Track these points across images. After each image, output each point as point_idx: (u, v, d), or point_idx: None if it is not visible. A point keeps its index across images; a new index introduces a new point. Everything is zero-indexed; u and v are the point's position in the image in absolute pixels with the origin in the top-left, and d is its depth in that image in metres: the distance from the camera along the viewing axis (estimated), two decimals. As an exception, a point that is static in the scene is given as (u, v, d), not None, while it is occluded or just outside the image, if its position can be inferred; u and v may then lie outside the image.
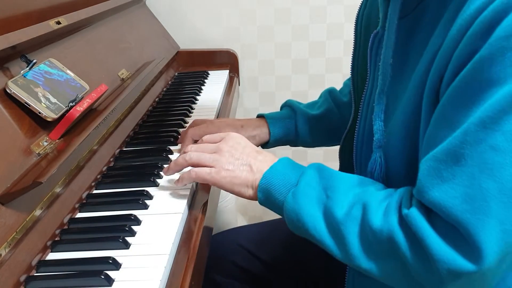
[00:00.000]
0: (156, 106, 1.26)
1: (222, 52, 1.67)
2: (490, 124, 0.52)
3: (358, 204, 0.62)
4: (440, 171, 0.55)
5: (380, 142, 0.69)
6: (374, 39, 0.75)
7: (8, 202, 0.65)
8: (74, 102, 0.84)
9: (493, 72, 0.52)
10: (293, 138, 1.03)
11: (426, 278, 0.57)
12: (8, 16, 0.84)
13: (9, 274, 0.60)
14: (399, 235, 0.58)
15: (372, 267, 0.61)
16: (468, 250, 0.53)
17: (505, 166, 0.52)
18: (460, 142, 0.54)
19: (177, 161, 0.80)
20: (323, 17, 1.75)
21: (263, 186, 0.70)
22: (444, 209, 0.54)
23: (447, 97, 0.57)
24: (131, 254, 0.67)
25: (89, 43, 1.09)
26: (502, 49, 0.52)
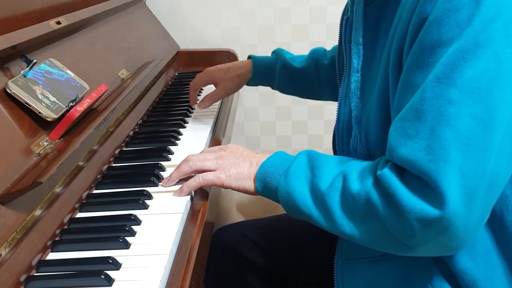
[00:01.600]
0: (156, 106, 1.26)
1: (222, 52, 1.66)
2: (444, 79, 0.57)
3: (339, 176, 0.67)
4: (405, 129, 0.60)
5: (358, 118, 0.76)
6: (346, 24, 0.83)
7: (8, 202, 0.65)
8: (74, 102, 0.84)
9: (442, 33, 0.58)
10: (271, 80, 1.17)
11: (400, 231, 0.61)
12: (8, 16, 0.84)
13: (9, 274, 0.60)
14: (374, 195, 0.62)
15: (355, 231, 0.65)
16: (432, 196, 0.57)
17: (461, 116, 0.56)
18: (420, 99, 0.59)
19: (179, 169, 0.81)
20: (323, 17, 1.75)
21: (260, 176, 0.74)
22: (411, 163, 0.59)
23: (407, 64, 0.62)
24: (131, 254, 0.67)
25: (89, 43, 1.09)
26: (446, 11, 0.57)
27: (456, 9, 0.56)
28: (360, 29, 0.75)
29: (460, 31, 0.57)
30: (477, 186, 0.57)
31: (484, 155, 0.57)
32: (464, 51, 0.56)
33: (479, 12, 0.56)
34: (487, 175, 0.57)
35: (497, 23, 0.56)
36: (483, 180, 0.57)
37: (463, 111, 0.56)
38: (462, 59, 0.56)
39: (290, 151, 1.89)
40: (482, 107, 0.56)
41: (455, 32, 0.57)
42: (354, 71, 0.76)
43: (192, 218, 0.77)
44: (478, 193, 0.57)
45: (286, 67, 1.14)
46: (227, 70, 1.16)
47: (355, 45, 0.76)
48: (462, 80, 0.56)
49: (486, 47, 0.56)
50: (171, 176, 0.82)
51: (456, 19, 0.57)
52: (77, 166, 0.83)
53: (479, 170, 0.57)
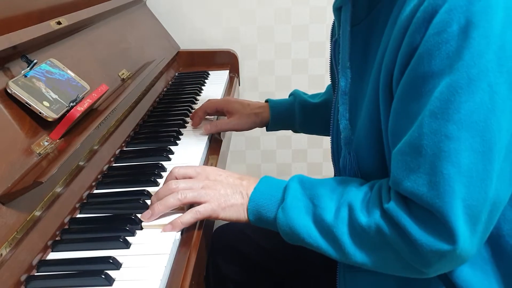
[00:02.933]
0: (157, 106, 1.26)
1: (222, 52, 1.67)
2: (441, 114, 0.58)
3: (343, 206, 0.67)
4: (407, 163, 0.61)
5: (347, 139, 0.76)
6: (335, 46, 0.82)
7: (8, 202, 0.65)
8: (75, 102, 0.84)
9: (433, 65, 0.58)
10: (291, 122, 1.13)
11: (416, 260, 0.62)
12: (9, 16, 0.84)
13: (9, 274, 0.60)
14: (385, 227, 0.63)
15: (368, 260, 0.66)
16: (443, 231, 0.58)
17: (460, 152, 0.57)
18: (418, 134, 0.60)
19: (165, 202, 0.73)
20: (323, 17, 1.75)
21: (252, 209, 0.73)
22: (418, 197, 0.60)
23: (399, 92, 0.63)
24: (132, 254, 0.67)
25: (89, 43, 1.10)
26: (437, 44, 0.58)
27: (445, 41, 0.57)
28: (347, 51, 0.75)
29: (451, 63, 0.57)
30: (480, 212, 0.58)
31: (486, 183, 0.58)
32: (458, 86, 0.57)
33: (468, 45, 0.56)
34: (489, 200, 0.58)
35: (488, 55, 0.56)
36: (485, 206, 0.59)
37: (462, 146, 0.57)
38: (457, 94, 0.57)
39: (290, 151, 1.91)
40: (481, 140, 0.57)
41: (445, 64, 0.57)
42: (342, 94, 0.76)
43: (192, 218, 0.77)
44: (482, 217, 0.59)
45: (306, 104, 1.11)
46: (246, 106, 1.11)
47: (342, 68, 0.76)
48: (459, 116, 0.57)
49: (479, 81, 0.56)
50: (154, 209, 0.73)
51: (446, 51, 0.57)
52: (78, 166, 0.83)
53: (481, 197, 0.58)
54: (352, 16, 0.74)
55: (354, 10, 0.74)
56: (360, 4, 0.73)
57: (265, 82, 1.82)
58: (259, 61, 1.80)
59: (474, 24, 0.56)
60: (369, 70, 0.71)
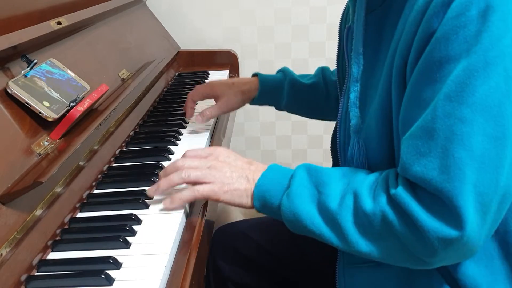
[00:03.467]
0: (157, 106, 1.26)
1: (222, 52, 1.67)
2: (455, 97, 0.57)
3: (349, 194, 0.66)
4: (418, 147, 0.60)
5: (356, 127, 0.75)
6: (348, 33, 0.81)
7: (9, 202, 0.65)
8: (75, 102, 0.84)
9: (450, 50, 0.58)
10: (278, 99, 1.12)
11: (421, 250, 0.61)
12: (9, 16, 0.84)
13: (10, 274, 0.60)
14: (391, 214, 0.62)
15: (372, 249, 0.65)
16: (451, 218, 0.57)
17: (473, 135, 0.57)
18: (431, 117, 0.59)
19: (170, 178, 0.75)
20: (323, 17, 1.75)
21: (258, 194, 0.72)
22: (426, 181, 0.59)
23: (414, 79, 0.61)
24: (132, 254, 0.67)
25: (89, 43, 1.10)
26: (455, 28, 0.57)
27: (464, 25, 0.56)
28: (360, 38, 0.74)
29: (468, 47, 0.56)
30: (491, 201, 0.58)
31: (498, 170, 0.57)
32: (474, 69, 0.56)
33: (487, 29, 0.56)
34: (500, 189, 0.58)
35: (506, 39, 0.56)
36: (496, 194, 0.58)
37: (475, 130, 0.56)
38: (472, 77, 0.56)
39: (290, 151, 1.91)
40: (494, 125, 0.56)
41: (463, 48, 0.57)
42: (354, 81, 0.75)
43: (192, 217, 0.77)
44: (492, 206, 0.58)
45: (295, 83, 1.10)
46: (231, 85, 1.10)
47: (355, 55, 0.75)
48: (473, 99, 0.56)
49: (496, 64, 0.56)
50: (160, 185, 0.76)
51: (464, 35, 0.57)
52: (78, 166, 0.83)
53: (493, 185, 0.57)
54: (367, 2, 0.73)
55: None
56: None
57: (265, 82, 1.82)
58: (259, 61, 1.80)
59: (493, 8, 0.55)
60: (382, 58, 0.70)
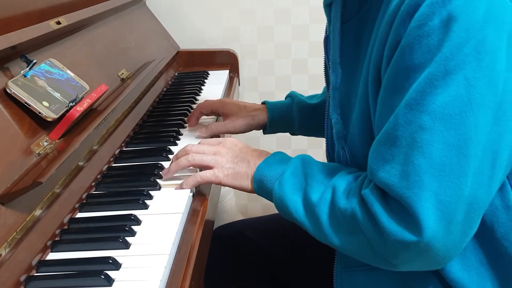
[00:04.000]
0: (156, 106, 1.26)
1: (222, 52, 1.67)
2: (416, 106, 0.58)
3: (329, 188, 0.68)
4: (382, 153, 0.61)
5: (339, 134, 0.77)
6: (327, 42, 0.83)
7: (8, 202, 0.65)
8: (74, 102, 0.84)
9: (414, 59, 0.58)
10: (289, 124, 1.11)
11: (383, 251, 0.62)
12: (8, 16, 0.84)
13: (9, 274, 0.60)
14: (359, 213, 0.63)
15: (343, 243, 0.67)
16: (410, 222, 0.58)
17: (433, 143, 0.57)
18: (393, 125, 0.60)
19: (178, 162, 0.82)
20: (323, 17, 1.74)
21: (257, 178, 0.75)
22: (389, 187, 0.60)
23: (384, 86, 0.63)
24: (131, 254, 0.67)
25: (89, 43, 1.09)
26: (418, 37, 0.58)
27: (427, 35, 0.57)
28: (337, 48, 0.75)
29: (431, 57, 0.57)
30: (455, 210, 0.57)
31: (460, 180, 0.57)
32: (434, 78, 0.57)
33: (448, 38, 0.56)
34: (464, 198, 0.57)
35: (467, 48, 0.56)
36: (460, 204, 0.57)
37: (435, 138, 0.57)
38: (433, 86, 0.57)
39: (290, 152, 1.91)
40: (455, 133, 0.57)
41: (426, 58, 0.57)
42: (333, 89, 0.77)
43: (192, 218, 0.77)
44: (457, 215, 0.58)
45: (303, 106, 1.09)
46: (243, 107, 1.09)
47: (333, 64, 0.77)
48: (433, 107, 0.57)
49: (456, 73, 0.56)
50: (170, 168, 0.83)
51: (427, 44, 0.57)
52: (77, 166, 0.83)
53: (455, 194, 0.57)
54: (342, 13, 0.75)
55: (345, 6, 0.75)
56: (350, 1, 0.74)
57: (265, 82, 1.82)
58: (259, 61, 1.80)
59: (455, 17, 0.56)
60: (361, 66, 0.71)
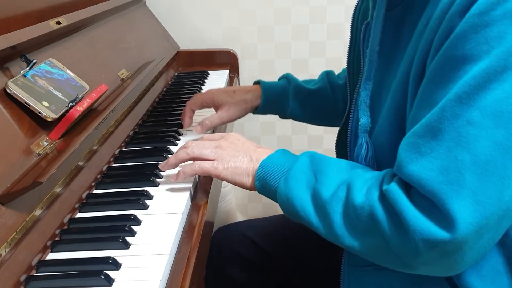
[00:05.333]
0: (156, 106, 1.26)
1: (222, 52, 1.67)
2: (467, 99, 0.54)
3: (343, 185, 0.65)
4: (418, 146, 0.57)
5: (365, 127, 0.72)
6: (366, 29, 0.78)
7: (8, 202, 0.65)
8: (74, 102, 0.84)
9: (467, 49, 0.54)
10: (282, 107, 1.07)
11: (403, 250, 0.59)
12: (8, 16, 0.84)
13: (9, 274, 0.60)
14: (379, 210, 0.60)
15: (355, 244, 0.63)
16: (442, 219, 0.55)
17: (480, 139, 0.54)
18: (438, 117, 0.56)
19: (177, 154, 0.80)
20: (323, 17, 1.74)
21: (260, 174, 0.72)
22: (421, 182, 0.56)
23: (427, 77, 0.59)
24: (131, 254, 0.67)
25: (89, 43, 1.09)
26: (475, 26, 0.54)
27: (486, 25, 0.53)
28: (378, 36, 0.71)
29: (489, 49, 0.53)
30: (492, 213, 0.54)
31: (503, 181, 0.54)
32: (492, 72, 0.53)
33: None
34: (503, 203, 0.54)
35: None
36: (498, 207, 0.54)
37: (483, 134, 0.53)
38: (488, 81, 0.53)
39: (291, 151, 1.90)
40: (504, 132, 0.53)
41: (482, 49, 0.54)
42: (366, 79, 0.73)
43: (192, 218, 0.77)
44: (492, 219, 0.55)
45: (300, 89, 1.06)
46: (232, 93, 1.04)
47: (370, 53, 0.72)
48: (485, 102, 0.53)
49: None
50: (169, 161, 0.81)
51: (485, 35, 0.53)
52: (77, 166, 0.83)
53: (495, 197, 0.54)
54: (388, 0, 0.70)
55: None
56: None
57: (265, 82, 1.82)
58: (259, 61, 1.80)
59: None
60: (399, 58, 0.68)
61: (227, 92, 1.05)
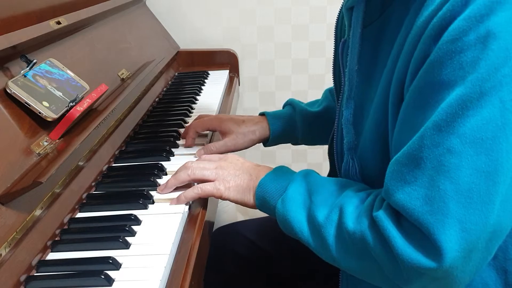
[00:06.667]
0: (156, 106, 1.26)
1: (222, 52, 1.67)
2: (445, 127, 0.54)
3: (336, 208, 0.66)
4: (403, 174, 0.58)
5: (350, 144, 0.74)
6: (343, 47, 0.78)
7: (8, 202, 0.65)
8: (74, 102, 0.84)
9: (443, 75, 0.55)
10: (293, 135, 1.05)
11: (396, 276, 0.60)
12: (9, 16, 0.84)
13: (9, 274, 0.60)
14: (369, 236, 0.60)
15: (351, 266, 0.65)
16: (429, 248, 0.55)
17: (461, 168, 0.54)
18: (418, 146, 0.56)
19: (177, 176, 0.79)
20: (323, 17, 1.75)
21: (259, 194, 0.74)
22: (408, 211, 0.57)
23: (406, 101, 0.59)
24: (131, 254, 0.67)
25: (89, 43, 1.09)
26: (449, 52, 0.54)
27: (460, 51, 0.53)
28: (356, 54, 0.71)
29: (464, 75, 0.53)
30: (479, 238, 0.55)
31: (487, 207, 0.54)
32: (467, 99, 0.53)
33: (486, 57, 0.53)
34: (489, 226, 0.55)
35: (505, 69, 0.53)
36: (484, 232, 0.55)
37: (464, 163, 0.54)
38: (465, 108, 0.53)
39: (290, 151, 1.91)
40: (486, 159, 0.53)
41: (458, 75, 0.54)
42: (348, 98, 0.73)
43: (192, 218, 0.77)
44: (479, 244, 0.55)
45: (306, 114, 1.04)
46: (241, 123, 1.01)
47: (349, 71, 0.73)
48: (464, 129, 0.53)
49: (491, 95, 0.53)
50: (168, 183, 0.80)
51: (460, 60, 0.53)
52: (77, 166, 0.83)
53: (481, 222, 0.54)
54: (364, 16, 0.70)
55: (367, 10, 0.70)
56: (373, 4, 0.70)
57: (265, 82, 1.82)
58: (259, 61, 1.80)
59: (494, 34, 0.52)
60: (378, 74, 0.68)
61: (236, 121, 1.01)
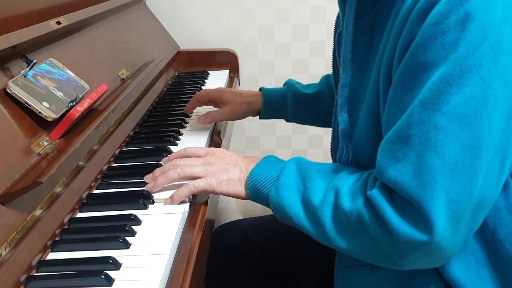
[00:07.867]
0: (156, 106, 1.26)
1: (222, 52, 1.67)
2: (431, 105, 0.58)
3: (331, 190, 0.68)
4: (393, 151, 0.61)
5: (345, 132, 0.76)
6: (339, 38, 0.82)
7: (8, 202, 0.65)
8: (75, 102, 0.84)
9: (428, 56, 0.58)
10: (283, 112, 1.13)
11: (392, 251, 0.62)
12: (9, 16, 0.84)
13: (9, 274, 0.60)
14: (366, 215, 0.63)
15: (349, 245, 0.67)
16: (421, 222, 0.59)
17: (447, 143, 0.57)
18: (407, 123, 0.60)
19: (166, 175, 0.79)
20: (323, 17, 1.75)
21: (250, 184, 0.75)
22: (399, 186, 0.60)
23: (395, 83, 0.63)
24: (131, 254, 0.67)
25: (89, 43, 1.09)
26: (433, 35, 0.58)
27: (442, 33, 0.57)
28: (349, 44, 0.75)
29: (446, 55, 0.57)
30: (464, 209, 0.58)
31: (471, 179, 0.58)
32: (450, 77, 0.57)
33: (465, 37, 0.56)
34: (474, 197, 0.58)
35: (484, 48, 0.56)
36: (470, 203, 0.58)
37: (449, 138, 0.57)
38: (448, 86, 0.57)
39: (290, 151, 1.91)
40: (469, 133, 0.57)
41: (441, 55, 0.57)
42: (342, 86, 0.76)
43: (192, 218, 0.77)
44: (465, 215, 0.59)
45: (298, 94, 1.12)
46: (238, 94, 1.13)
47: (343, 60, 0.76)
48: (448, 106, 0.57)
49: (472, 73, 0.56)
50: (157, 182, 0.79)
51: (442, 42, 0.57)
52: (77, 166, 0.83)
53: (466, 193, 0.58)
54: (357, 8, 0.74)
55: (359, 2, 0.74)
56: None
57: (265, 82, 1.82)
58: (259, 61, 1.80)
59: (472, 16, 0.56)
60: (372, 64, 0.71)
61: (234, 93, 1.13)
